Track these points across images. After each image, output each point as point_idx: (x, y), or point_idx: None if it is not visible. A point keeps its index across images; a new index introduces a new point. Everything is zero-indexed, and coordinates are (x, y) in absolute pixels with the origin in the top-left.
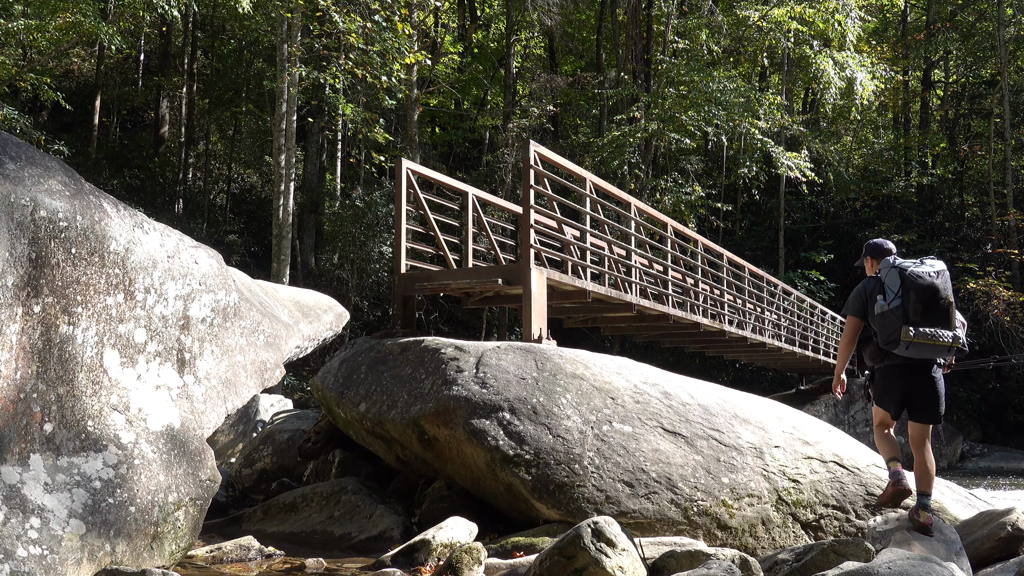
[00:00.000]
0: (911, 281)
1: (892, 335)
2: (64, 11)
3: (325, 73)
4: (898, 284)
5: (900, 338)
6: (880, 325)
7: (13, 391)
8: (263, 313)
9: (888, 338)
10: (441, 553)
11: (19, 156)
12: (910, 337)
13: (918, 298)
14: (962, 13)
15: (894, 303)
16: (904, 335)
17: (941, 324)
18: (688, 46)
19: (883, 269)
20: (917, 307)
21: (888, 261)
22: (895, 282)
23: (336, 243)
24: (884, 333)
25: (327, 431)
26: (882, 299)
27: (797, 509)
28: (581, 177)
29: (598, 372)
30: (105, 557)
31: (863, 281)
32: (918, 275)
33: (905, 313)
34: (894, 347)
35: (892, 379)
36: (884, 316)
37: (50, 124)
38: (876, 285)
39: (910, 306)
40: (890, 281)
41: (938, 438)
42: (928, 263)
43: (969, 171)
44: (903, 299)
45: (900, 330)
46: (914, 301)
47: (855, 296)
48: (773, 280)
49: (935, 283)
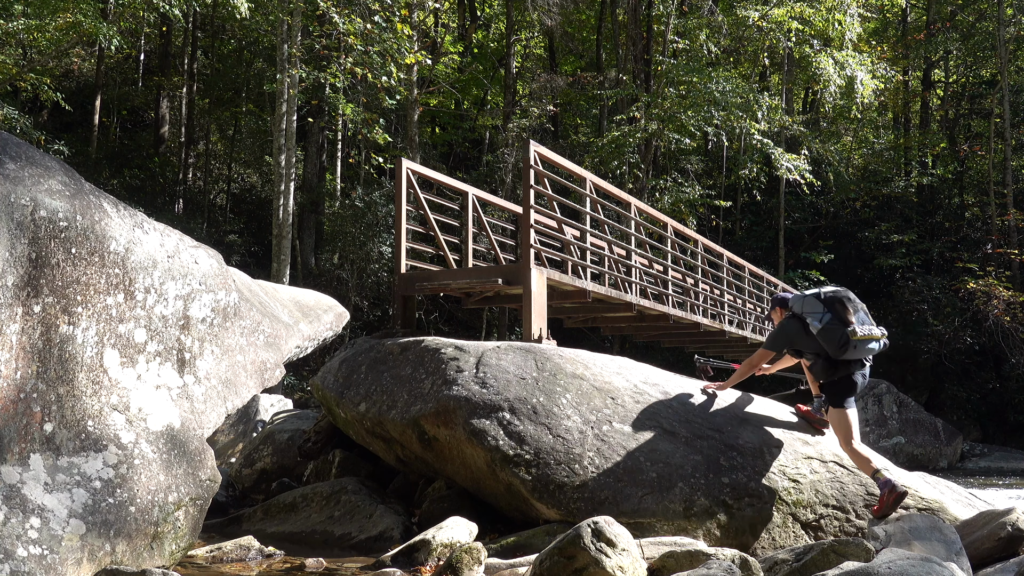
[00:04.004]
0: (828, 298)
1: (841, 340)
2: (64, 11)
3: (325, 73)
4: (820, 305)
5: (849, 339)
6: (826, 340)
7: (13, 391)
8: (263, 313)
9: (838, 345)
10: (441, 553)
11: (19, 156)
12: (858, 336)
13: (843, 307)
14: (962, 13)
15: (826, 318)
16: (852, 335)
17: (869, 324)
18: (688, 46)
19: (795, 305)
20: (846, 313)
21: (795, 298)
22: (815, 306)
23: (336, 243)
24: (832, 344)
25: (327, 431)
26: (816, 321)
27: (797, 509)
28: (581, 177)
29: (598, 372)
30: (105, 557)
31: (781, 323)
32: (827, 291)
33: (842, 320)
34: (844, 352)
35: (849, 386)
36: (825, 330)
37: (50, 124)
38: (796, 321)
39: (842, 315)
40: (808, 308)
41: (938, 438)
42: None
43: (969, 171)
44: (832, 312)
45: (846, 333)
46: (841, 310)
47: (780, 334)
48: (773, 280)
49: (843, 292)
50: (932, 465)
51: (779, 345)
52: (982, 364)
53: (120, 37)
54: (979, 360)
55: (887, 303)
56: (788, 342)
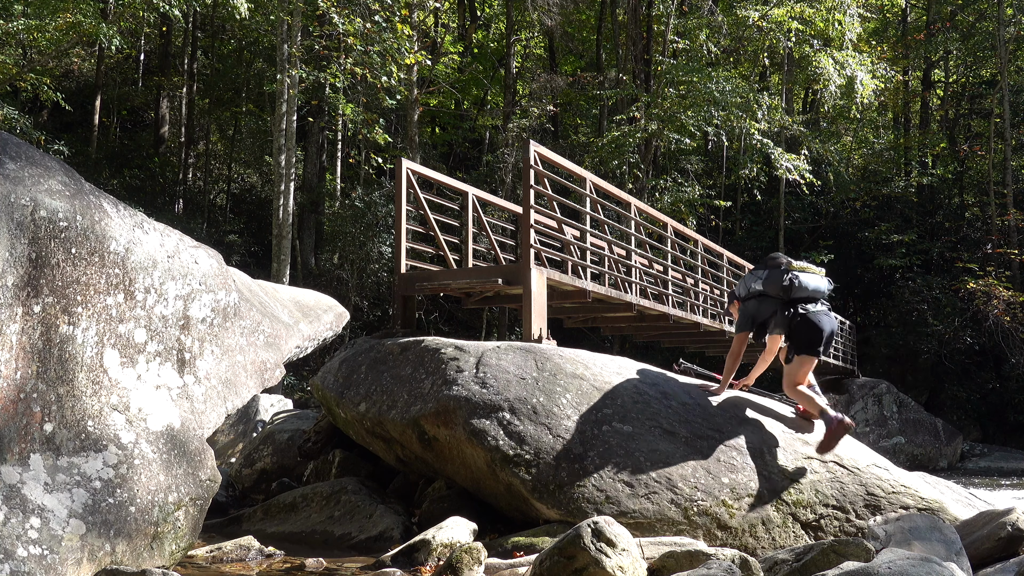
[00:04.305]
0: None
1: (783, 278)
2: (64, 11)
3: (325, 73)
4: (757, 272)
5: (790, 271)
6: (772, 287)
7: (13, 391)
8: (263, 313)
9: (782, 284)
10: (441, 553)
11: (19, 156)
12: (794, 266)
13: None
14: (962, 13)
15: (764, 273)
16: (789, 266)
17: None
18: (688, 46)
19: (740, 289)
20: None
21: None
22: (755, 274)
23: (336, 243)
24: (777, 287)
25: (327, 431)
26: (758, 282)
27: (797, 509)
28: (581, 177)
29: (598, 372)
30: (105, 557)
31: (739, 311)
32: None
33: (777, 266)
34: (791, 290)
35: (808, 326)
36: (768, 281)
37: (50, 124)
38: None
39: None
40: (749, 280)
41: (938, 438)
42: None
43: (969, 171)
44: (767, 268)
45: (783, 270)
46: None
47: (742, 315)
48: None
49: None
50: (932, 465)
51: (745, 324)
52: (982, 364)
53: (120, 37)
54: (979, 360)
55: (887, 303)
56: (751, 319)
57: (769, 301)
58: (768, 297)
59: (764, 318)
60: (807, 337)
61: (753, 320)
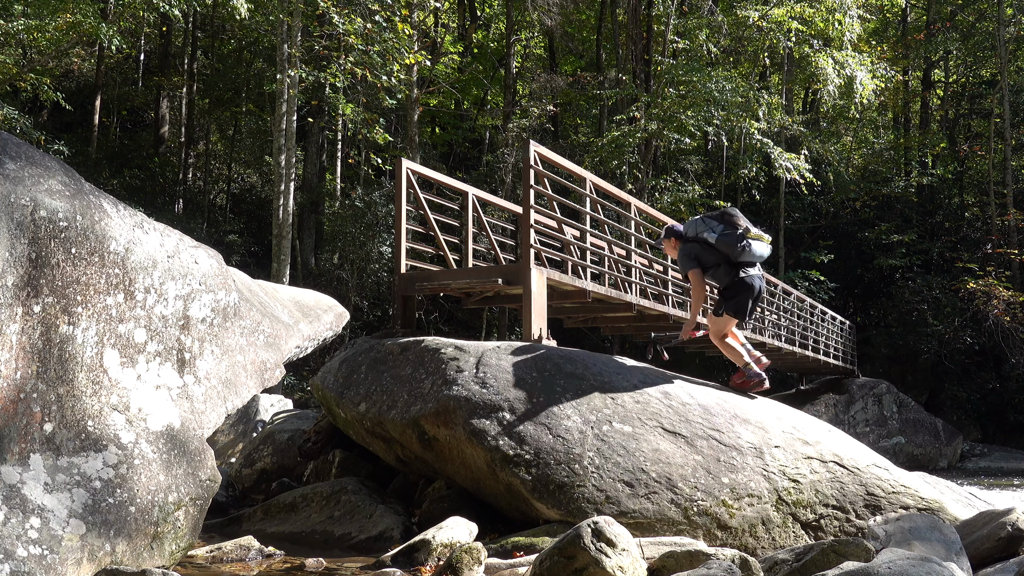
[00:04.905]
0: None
1: (739, 241)
2: (64, 11)
3: (325, 73)
4: (713, 223)
5: (746, 237)
6: (725, 245)
7: (13, 391)
8: (263, 313)
9: (737, 246)
10: (441, 553)
11: (19, 156)
12: (752, 233)
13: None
14: (962, 13)
15: (720, 228)
16: (747, 233)
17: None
18: (688, 46)
19: (689, 229)
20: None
21: (688, 224)
22: (709, 224)
23: (336, 243)
24: (732, 247)
25: (327, 431)
26: (712, 233)
27: (797, 509)
28: (581, 177)
29: (598, 372)
30: (105, 557)
31: (682, 249)
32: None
33: (735, 226)
34: (743, 253)
35: (745, 288)
36: (723, 237)
37: (50, 124)
38: (693, 243)
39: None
40: (702, 228)
41: (938, 438)
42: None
43: (969, 171)
44: (724, 224)
45: (742, 233)
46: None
47: (686, 257)
48: (773, 280)
49: (730, 207)
50: (932, 465)
51: (690, 265)
52: (982, 364)
53: (120, 37)
54: (979, 360)
55: (887, 303)
56: (696, 260)
57: (713, 252)
58: (712, 248)
59: (705, 264)
60: (743, 298)
61: (698, 262)
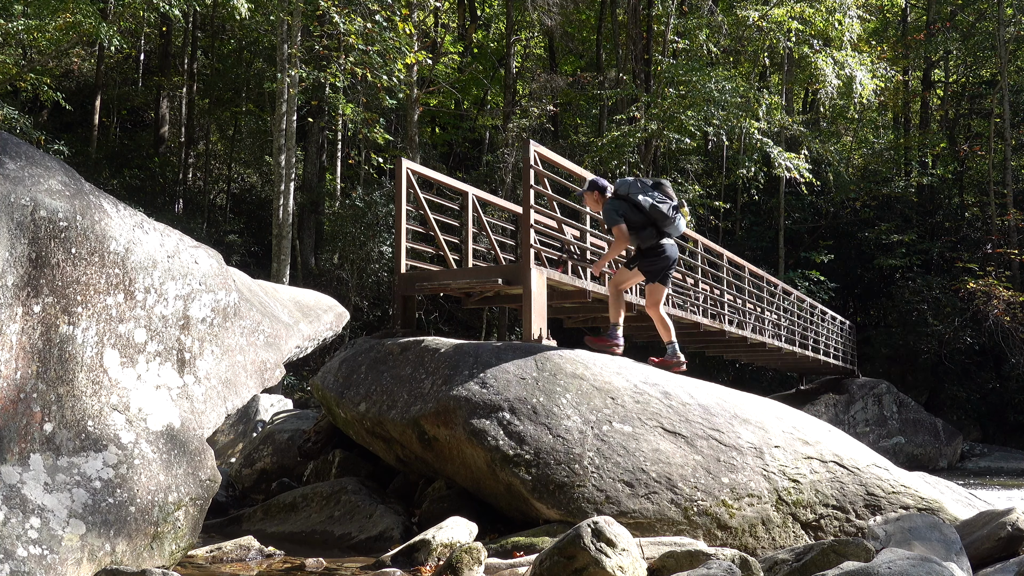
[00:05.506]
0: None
1: (671, 214)
2: (64, 11)
3: (325, 73)
4: (647, 188)
5: (678, 211)
6: (659, 213)
7: (13, 391)
8: (263, 313)
9: (666, 217)
10: (441, 553)
11: (19, 156)
12: (685, 213)
13: (666, 188)
14: (962, 13)
15: (655, 195)
16: (679, 208)
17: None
18: (688, 46)
19: (621, 188)
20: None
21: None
22: (644, 188)
23: (336, 243)
24: (662, 217)
25: (327, 431)
26: (648, 197)
27: (797, 509)
28: (581, 177)
29: (598, 372)
30: (105, 557)
31: (609, 203)
32: (650, 180)
33: (669, 197)
34: (670, 225)
35: (664, 256)
36: (659, 204)
37: (50, 124)
38: (622, 201)
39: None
40: (636, 190)
41: (938, 438)
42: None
43: (969, 171)
44: (659, 192)
45: (676, 208)
46: (666, 191)
47: (611, 212)
48: (773, 280)
49: (662, 179)
50: (932, 465)
51: (617, 220)
52: (982, 364)
53: (120, 37)
54: (979, 360)
55: (887, 303)
56: (622, 218)
57: (640, 214)
58: (640, 211)
59: (631, 224)
60: (662, 264)
61: (624, 219)
